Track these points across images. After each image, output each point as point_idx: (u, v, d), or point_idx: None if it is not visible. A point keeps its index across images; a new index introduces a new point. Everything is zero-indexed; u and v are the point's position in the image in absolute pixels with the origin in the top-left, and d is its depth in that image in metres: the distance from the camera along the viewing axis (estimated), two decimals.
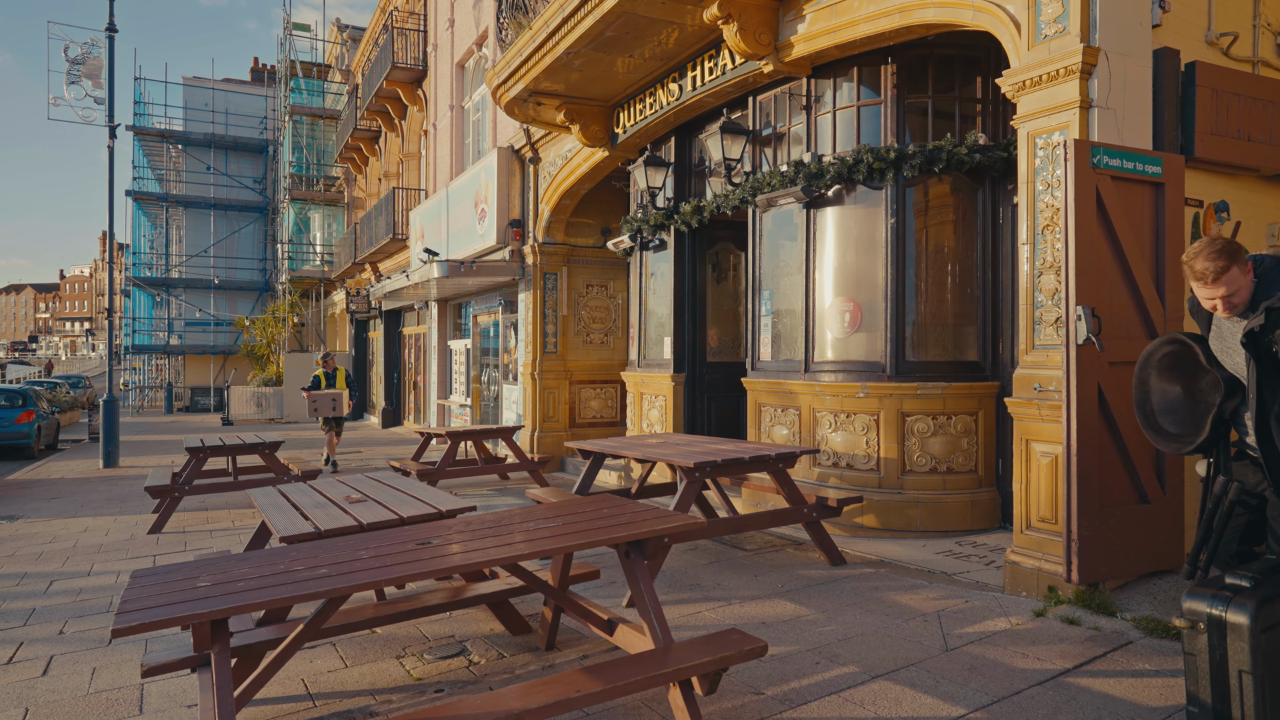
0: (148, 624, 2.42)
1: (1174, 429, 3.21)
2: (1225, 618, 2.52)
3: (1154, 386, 3.29)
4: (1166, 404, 3.25)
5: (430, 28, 17.00)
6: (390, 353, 20.87)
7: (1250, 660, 2.46)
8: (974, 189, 6.47)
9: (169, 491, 8.15)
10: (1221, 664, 2.53)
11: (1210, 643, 2.55)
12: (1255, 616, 2.46)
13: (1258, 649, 2.45)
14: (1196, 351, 3.13)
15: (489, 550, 3.15)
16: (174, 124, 31.23)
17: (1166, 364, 3.25)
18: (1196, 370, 3.16)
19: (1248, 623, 2.46)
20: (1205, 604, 2.57)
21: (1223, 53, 5.10)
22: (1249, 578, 2.58)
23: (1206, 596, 2.57)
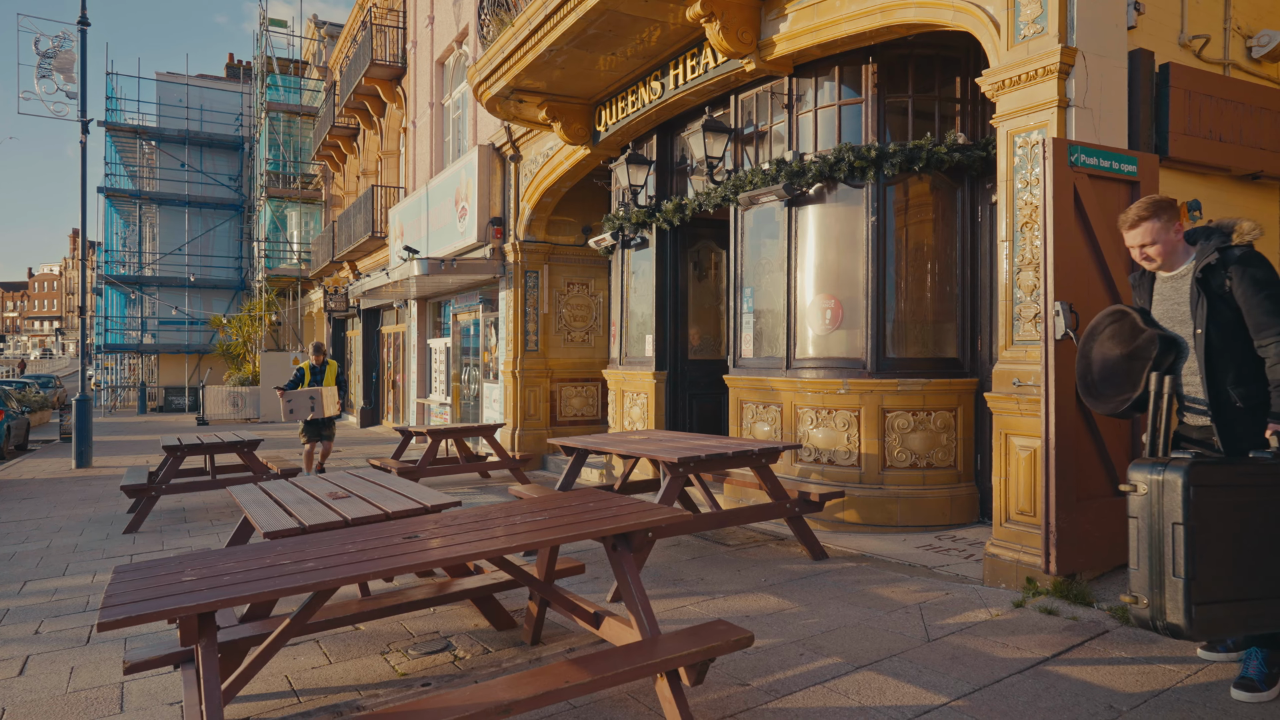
0: (134, 618, 2.40)
1: (1113, 391, 3.38)
2: (1163, 479, 2.82)
3: (1095, 358, 3.46)
4: (1106, 371, 3.41)
5: (409, 25, 16.91)
6: (369, 352, 20.73)
7: (1183, 513, 2.74)
8: (953, 188, 6.55)
9: (145, 490, 8.05)
10: (1158, 520, 2.80)
11: (1150, 501, 2.83)
12: (1189, 473, 2.77)
13: (1189, 502, 2.74)
14: (1135, 318, 3.30)
15: (476, 543, 3.15)
16: (147, 120, 30.84)
17: (1109, 335, 3.42)
18: (1135, 334, 3.31)
19: (1181, 479, 2.76)
20: (1147, 471, 2.87)
21: (1195, 55, 5.20)
22: (1192, 454, 2.91)
23: (1148, 465, 2.89)
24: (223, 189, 31.52)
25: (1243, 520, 2.84)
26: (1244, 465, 2.91)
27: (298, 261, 26.89)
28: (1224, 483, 2.82)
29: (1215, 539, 2.76)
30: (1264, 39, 5.47)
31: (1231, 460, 2.94)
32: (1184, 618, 2.73)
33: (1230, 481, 2.84)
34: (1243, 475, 2.87)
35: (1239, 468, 2.89)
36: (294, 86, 27.85)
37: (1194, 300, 3.22)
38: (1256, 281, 3.10)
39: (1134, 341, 3.33)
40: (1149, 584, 2.81)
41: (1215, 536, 2.77)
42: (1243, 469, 2.89)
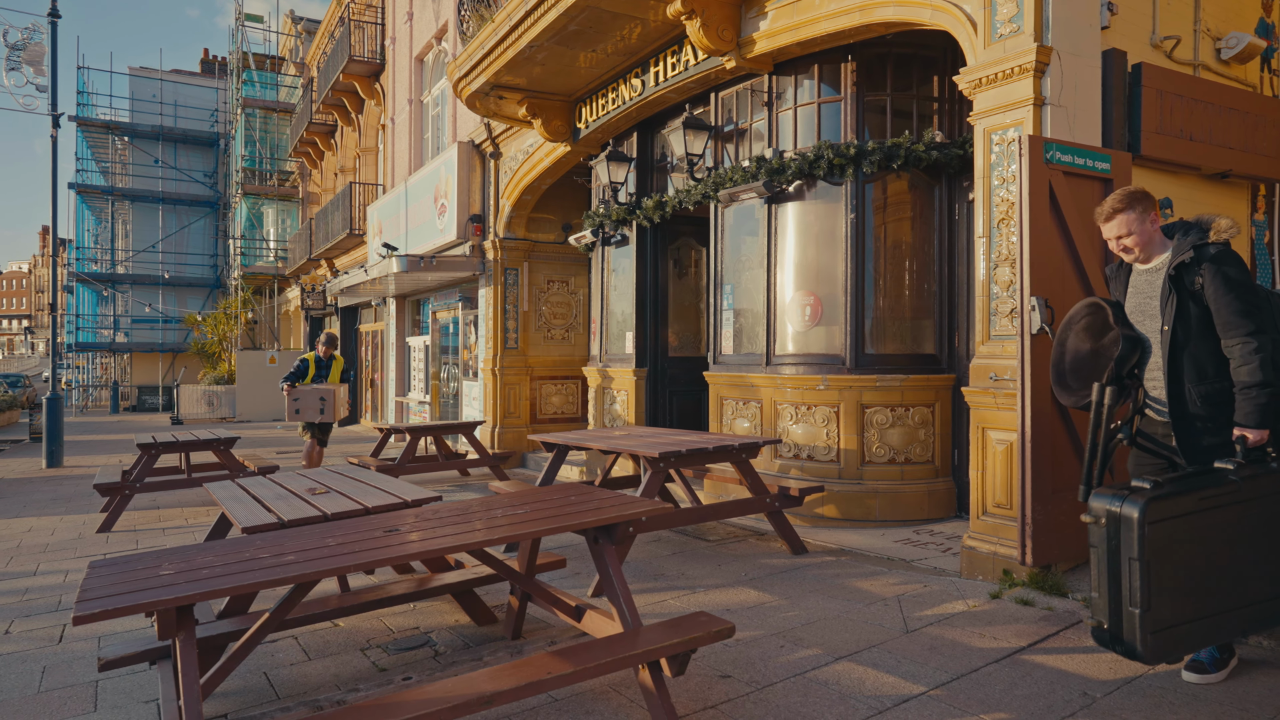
0: (111, 610, 2.37)
1: (1079, 385, 3.41)
2: (1120, 512, 2.84)
3: (1069, 349, 3.48)
4: (1076, 362, 3.44)
5: (388, 21, 16.79)
6: (346, 350, 20.56)
7: (1138, 549, 2.77)
8: (931, 185, 6.61)
9: (119, 489, 7.94)
10: (1115, 553, 2.85)
11: (1108, 534, 2.87)
12: (1144, 511, 2.78)
13: (1144, 539, 2.77)
14: (1108, 313, 3.32)
15: (459, 535, 3.14)
16: (120, 115, 30.36)
17: (1084, 327, 3.44)
18: (1104, 331, 3.34)
19: (1137, 516, 2.78)
20: (1106, 502, 2.90)
21: (1166, 55, 5.29)
22: (1152, 481, 2.88)
23: (1108, 495, 2.91)
24: (198, 186, 31.13)
25: (1202, 543, 2.89)
26: (1203, 491, 2.91)
27: (274, 259, 26.62)
28: (1183, 512, 2.85)
29: (1171, 566, 2.82)
30: (1232, 41, 5.58)
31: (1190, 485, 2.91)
32: (1140, 645, 2.81)
33: (1190, 510, 2.86)
34: (1203, 500, 2.89)
35: (1198, 494, 2.89)
36: (270, 82, 27.57)
37: (1164, 296, 3.22)
38: (1228, 280, 3.09)
39: (1102, 338, 3.36)
40: (1108, 611, 2.88)
41: (1171, 564, 2.82)
42: (1202, 495, 2.89)
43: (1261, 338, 3.05)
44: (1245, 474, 2.96)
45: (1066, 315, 3.54)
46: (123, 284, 29.73)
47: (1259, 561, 3.00)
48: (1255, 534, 2.99)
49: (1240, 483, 2.94)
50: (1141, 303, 3.38)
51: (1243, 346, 3.06)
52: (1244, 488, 2.94)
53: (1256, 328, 3.05)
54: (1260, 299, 3.13)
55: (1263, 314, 3.09)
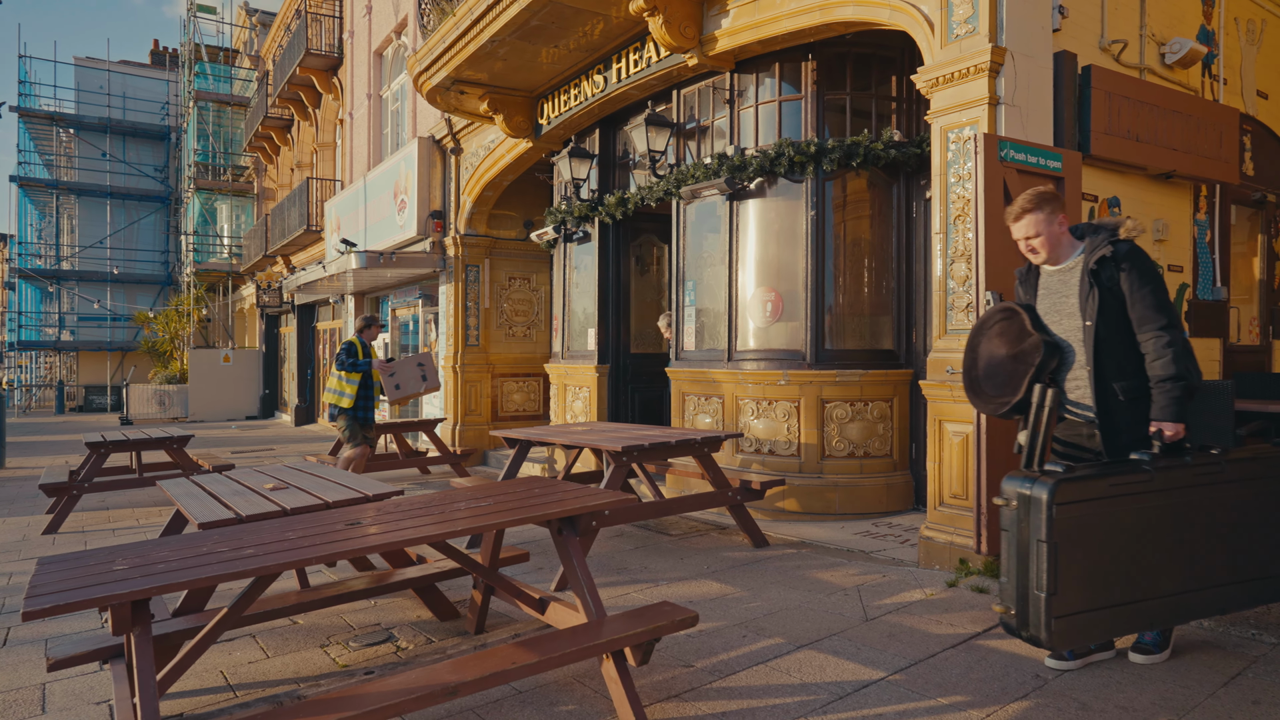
0: (62, 605, 2.31)
1: (995, 391, 3.38)
2: (1030, 494, 2.83)
3: (981, 354, 3.45)
4: (991, 369, 3.41)
5: (346, 14, 16.56)
6: (303, 348, 20.23)
7: (1045, 530, 2.76)
8: (889, 184, 6.72)
9: (66, 489, 7.72)
10: (1025, 535, 2.82)
11: (1018, 516, 2.85)
12: (1054, 492, 2.78)
13: (1052, 521, 2.76)
14: (1024, 319, 3.30)
15: (422, 528, 3.12)
16: (65, 106, 29.47)
17: (997, 332, 3.40)
18: (1022, 336, 3.31)
19: (1046, 497, 2.77)
20: (1017, 485, 2.88)
21: (1114, 59, 5.45)
22: (1065, 466, 2.88)
23: (1019, 479, 2.89)
24: (147, 180, 30.34)
25: (1111, 530, 2.87)
26: (1115, 477, 2.89)
27: (228, 256, 26.04)
28: (1093, 496, 2.82)
29: (1081, 552, 2.80)
30: (1176, 46, 5.77)
31: (1103, 471, 2.89)
32: (1044, 630, 2.78)
33: (1100, 494, 2.83)
34: (1114, 486, 2.86)
35: (1110, 479, 2.87)
36: (224, 75, 26.98)
37: (1084, 292, 3.22)
38: (1144, 274, 3.15)
39: (1020, 344, 3.32)
40: (1015, 596, 2.85)
41: (1081, 549, 2.80)
42: (1114, 480, 2.87)
43: (1174, 332, 3.10)
44: (1160, 465, 2.96)
45: (977, 321, 3.50)
46: (68, 280, 28.86)
47: (1170, 555, 2.98)
48: (1167, 526, 2.97)
49: (1154, 473, 2.92)
50: (1055, 303, 3.36)
51: (1157, 340, 3.10)
52: (1157, 479, 2.93)
53: (1170, 321, 3.11)
54: (1167, 291, 3.20)
55: (1173, 310, 3.16)
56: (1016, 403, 3.30)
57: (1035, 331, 3.26)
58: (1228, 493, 3.06)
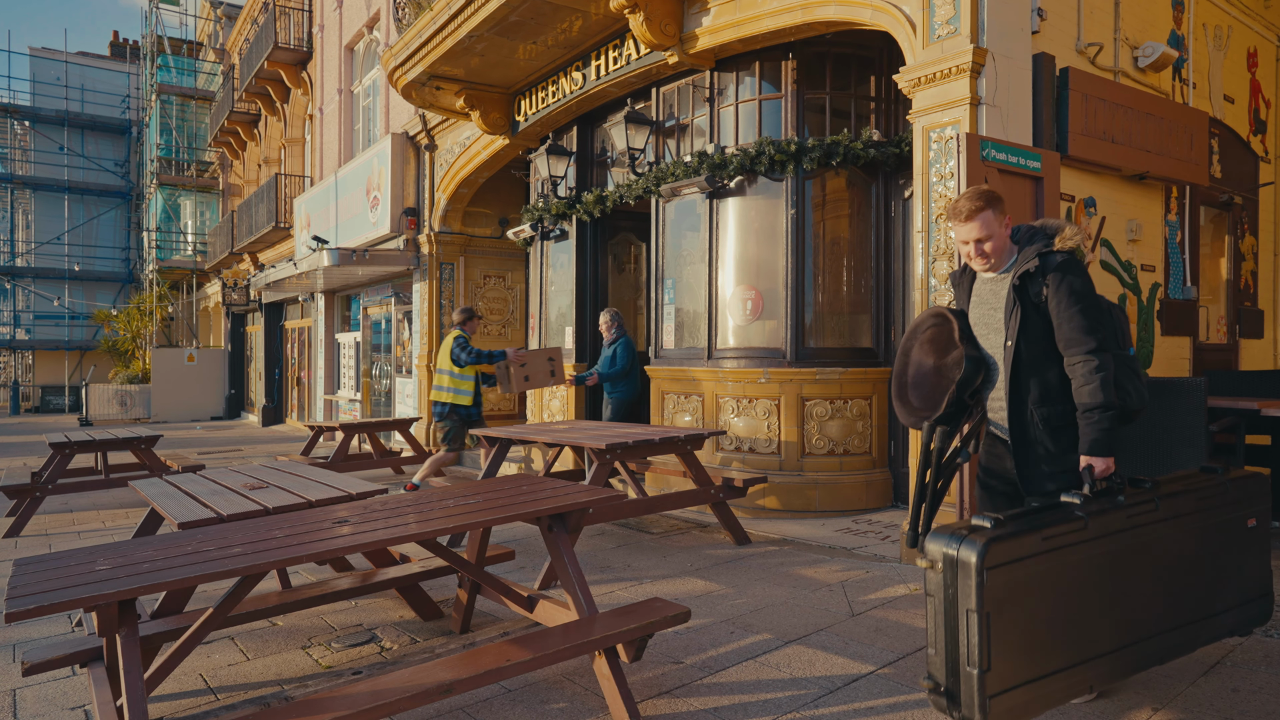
0: (48, 606, 2.24)
1: (919, 403, 3.15)
2: (958, 556, 2.44)
3: (912, 359, 3.22)
4: (918, 378, 3.18)
5: (316, 8, 16.32)
6: (271, 347, 19.91)
7: (976, 599, 2.39)
8: (868, 183, 6.78)
9: (29, 491, 7.50)
10: (953, 603, 2.46)
11: (945, 581, 2.47)
12: (984, 554, 2.39)
13: (983, 587, 2.38)
14: (954, 327, 3.05)
15: (413, 525, 3.08)
16: (20, 98, 28.70)
17: (929, 338, 3.16)
18: (949, 346, 3.07)
19: (975, 560, 2.39)
20: (942, 544, 2.49)
21: (1090, 61, 5.55)
22: (993, 519, 2.51)
23: (945, 536, 2.51)
24: (108, 175, 29.65)
25: (1047, 589, 2.54)
26: (1047, 529, 2.54)
27: (193, 253, 25.52)
28: (1027, 554, 2.48)
29: (1015, 618, 2.48)
30: (1148, 50, 5.88)
31: (1033, 524, 2.54)
32: (979, 712, 2.43)
33: (1033, 550, 2.50)
34: (1047, 540, 2.53)
35: (1042, 533, 2.52)
36: (188, 69, 26.45)
37: (1008, 308, 2.92)
38: (1073, 292, 2.82)
39: (946, 355, 3.08)
40: (945, 671, 2.49)
41: (1015, 615, 2.48)
42: (1047, 534, 2.53)
43: (1103, 355, 2.80)
44: (1093, 509, 2.64)
45: (912, 323, 3.28)
46: (23, 277, 28.10)
47: (1110, 608, 2.68)
48: (1105, 578, 2.66)
49: (1088, 519, 2.59)
50: (985, 314, 3.07)
51: (1085, 364, 2.80)
52: (1092, 525, 2.60)
53: (1099, 345, 2.80)
54: (1103, 314, 2.91)
55: (1105, 330, 2.86)
56: (937, 418, 3.05)
57: (961, 344, 2.99)
58: (1163, 531, 2.79)
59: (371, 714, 2.50)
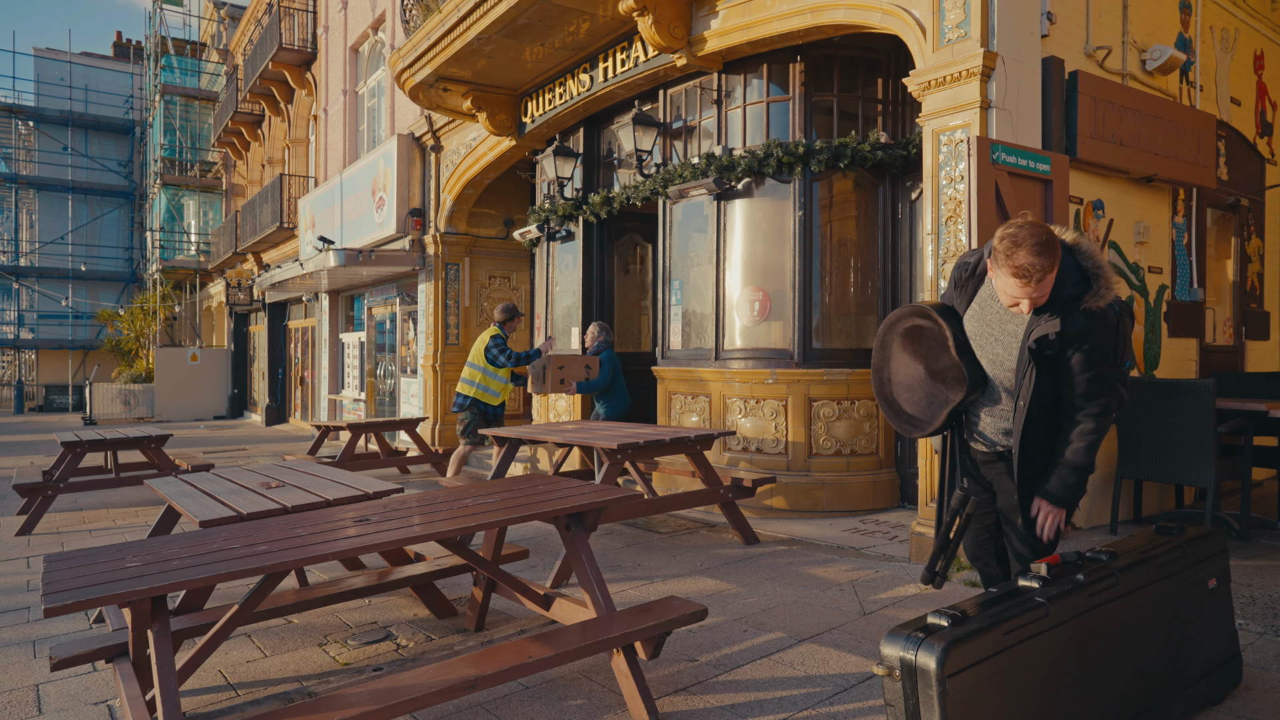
0: (85, 601, 2.28)
1: (911, 410, 3.02)
2: (915, 662, 2.24)
3: (895, 356, 3.06)
4: (907, 379, 3.03)
5: (321, 9, 16.37)
6: (274, 347, 19.95)
7: (939, 710, 2.19)
8: (875, 185, 6.82)
9: (41, 489, 7.55)
10: (915, 715, 2.25)
11: (904, 691, 2.26)
12: (943, 660, 2.19)
13: (944, 696, 2.18)
14: (946, 334, 2.86)
15: (434, 524, 3.12)
16: (24, 98, 28.74)
17: (912, 335, 2.99)
18: (940, 354, 2.90)
19: (934, 668, 2.19)
20: (899, 647, 2.30)
21: (1099, 65, 5.58)
22: (950, 615, 2.34)
23: (901, 638, 2.31)
24: (111, 175, 29.70)
25: (1010, 688, 2.36)
26: (1008, 622, 2.37)
27: (196, 253, 25.57)
28: (988, 653, 2.30)
29: None
30: (1156, 53, 5.92)
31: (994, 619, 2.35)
32: None
33: (995, 648, 2.32)
34: (1009, 634, 2.35)
35: (1003, 627, 2.35)
36: (191, 69, 26.49)
37: (1021, 367, 2.75)
38: (1090, 358, 2.68)
39: (938, 363, 2.92)
40: None
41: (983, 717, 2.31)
42: (1008, 627, 2.36)
43: (1105, 420, 2.74)
44: (1053, 593, 2.50)
45: (890, 316, 3.07)
46: (27, 277, 28.15)
47: (1078, 699, 2.51)
48: (1070, 664, 2.50)
49: (1049, 604, 2.45)
50: (984, 335, 2.87)
51: (1083, 425, 2.74)
52: (1053, 610, 2.45)
53: (1102, 410, 2.73)
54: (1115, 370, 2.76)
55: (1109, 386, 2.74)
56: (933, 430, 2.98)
57: (958, 356, 2.83)
58: (1126, 606, 2.65)
59: (398, 709, 2.54)
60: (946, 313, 2.92)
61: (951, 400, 2.88)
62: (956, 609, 2.37)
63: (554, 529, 6.53)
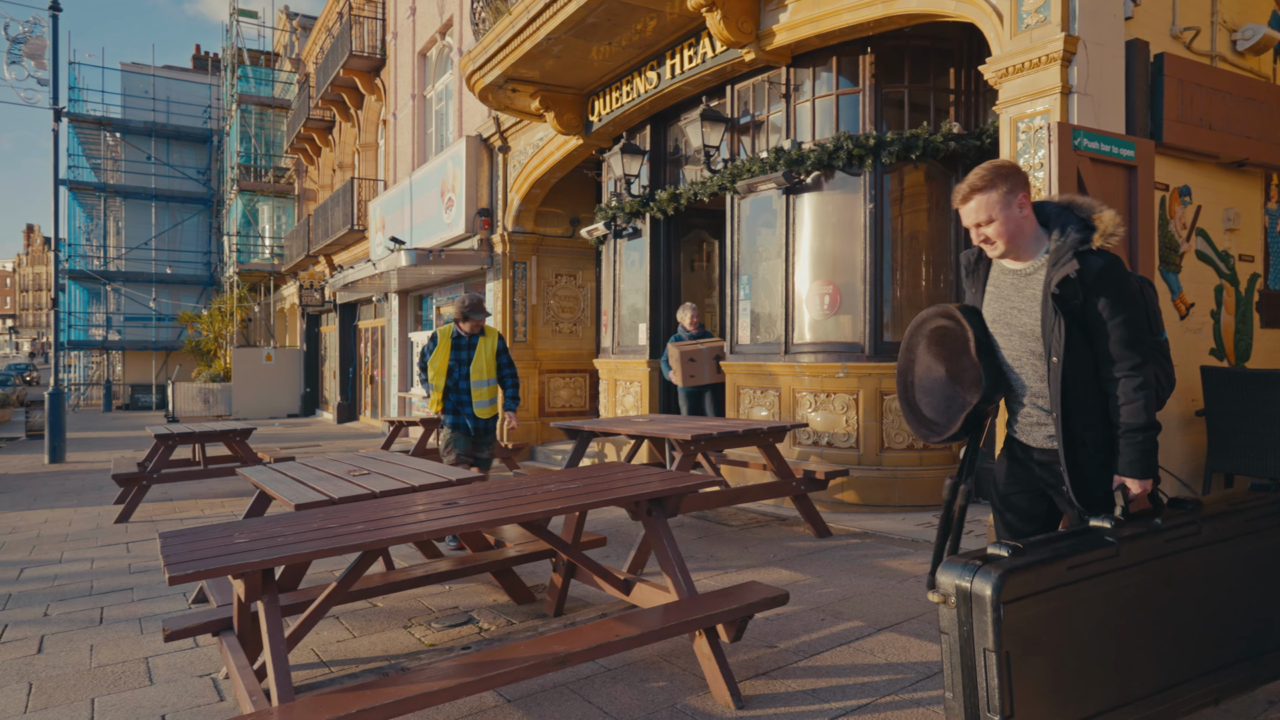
0: (204, 572, 2.43)
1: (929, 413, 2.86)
2: (971, 588, 2.20)
3: (919, 358, 2.89)
4: (929, 381, 2.86)
5: (389, 16, 16.80)
6: (345, 347, 20.55)
7: (994, 637, 2.16)
8: (948, 176, 6.72)
9: (136, 480, 7.95)
10: (969, 641, 2.22)
11: (959, 617, 2.23)
12: (1000, 586, 2.15)
13: (999, 623, 2.14)
14: (967, 334, 2.69)
15: (520, 506, 3.21)
16: (112, 111, 30.18)
17: (936, 337, 2.83)
18: (964, 355, 2.74)
19: (990, 593, 2.15)
20: (955, 575, 2.25)
21: (1185, 46, 5.41)
22: (1011, 547, 2.26)
23: (957, 566, 2.26)
24: (190, 182, 30.97)
25: (1075, 624, 2.29)
26: (1074, 557, 2.29)
27: (270, 256, 26.52)
28: (1049, 585, 2.24)
29: (1040, 658, 2.24)
30: (1248, 33, 5.71)
31: (1058, 552, 2.29)
32: None
33: (1058, 581, 2.24)
34: (1074, 569, 2.27)
35: (1068, 561, 2.27)
36: (265, 78, 27.46)
37: (1048, 320, 2.53)
38: (1119, 302, 2.49)
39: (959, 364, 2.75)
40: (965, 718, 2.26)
41: (1040, 654, 2.24)
42: (1073, 562, 2.28)
43: (1146, 372, 2.50)
44: (1126, 534, 2.37)
45: (918, 317, 2.88)
46: (115, 281, 29.55)
47: (1149, 644, 2.40)
48: (1142, 611, 2.38)
49: (1119, 545, 2.33)
50: (1006, 311, 2.67)
51: (1128, 381, 2.49)
52: (1124, 551, 2.34)
53: (1142, 359, 2.50)
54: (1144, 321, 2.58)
55: (1146, 338, 2.56)
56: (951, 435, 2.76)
57: (978, 358, 2.66)
58: (1208, 558, 2.51)
59: (493, 680, 2.63)
60: (970, 314, 2.74)
61: (969, 403, 2.68)
62: (1020, 543, 2.30)
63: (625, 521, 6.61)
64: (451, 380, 6.19)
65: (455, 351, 6.24)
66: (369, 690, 2.54)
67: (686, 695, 3.25)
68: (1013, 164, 2.58)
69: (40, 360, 79.77)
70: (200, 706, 3.34)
